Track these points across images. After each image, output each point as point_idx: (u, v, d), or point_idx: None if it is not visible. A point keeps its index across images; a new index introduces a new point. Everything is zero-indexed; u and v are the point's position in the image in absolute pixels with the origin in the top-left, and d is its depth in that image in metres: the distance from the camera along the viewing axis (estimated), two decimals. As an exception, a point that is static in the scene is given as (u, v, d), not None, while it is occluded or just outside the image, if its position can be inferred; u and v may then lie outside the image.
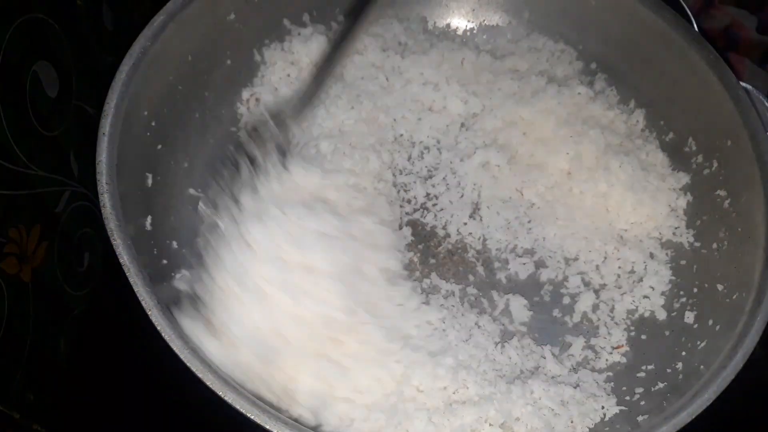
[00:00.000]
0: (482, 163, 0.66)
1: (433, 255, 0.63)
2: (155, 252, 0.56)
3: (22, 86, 0.57)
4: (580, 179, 0.65)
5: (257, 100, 0.70)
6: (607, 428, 0.55)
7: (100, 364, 0.70)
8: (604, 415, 0.54)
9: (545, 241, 0.65)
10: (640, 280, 0.64)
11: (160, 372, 0.58)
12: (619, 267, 0.64)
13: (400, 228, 0.64)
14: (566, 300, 0.63)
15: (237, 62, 0.70)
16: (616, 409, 0.54)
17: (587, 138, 0.66)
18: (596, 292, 0.64)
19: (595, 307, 0.63)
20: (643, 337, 0.62)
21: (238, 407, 0.46)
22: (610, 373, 0.60)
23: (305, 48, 0.71)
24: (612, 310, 0.63)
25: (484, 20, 0.79)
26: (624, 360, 0.61)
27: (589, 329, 0.62)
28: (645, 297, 0.63)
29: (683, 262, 0.65)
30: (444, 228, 0.65)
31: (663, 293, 0.64)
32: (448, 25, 0.78)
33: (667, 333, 0.61)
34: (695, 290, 0.62)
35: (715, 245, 0.63)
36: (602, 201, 0.66)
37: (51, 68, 0.62)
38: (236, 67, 0.70)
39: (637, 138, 0.69)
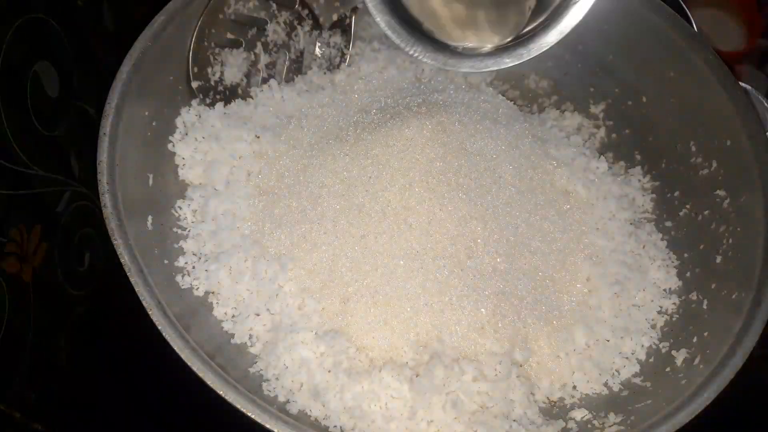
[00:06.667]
0: None
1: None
2: (156, 252, 0.56)
3: (22, 86, 0.58)
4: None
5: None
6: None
7: (101, 363, 0.70)
8: (603, 424, 0.54)
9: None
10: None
11: (161, 371, 0.58)
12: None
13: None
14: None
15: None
16: (617, 419, 0.54)
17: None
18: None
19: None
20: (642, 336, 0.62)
21: (238, 406, 0.46)
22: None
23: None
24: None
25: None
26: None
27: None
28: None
29: (682, 263, 0.65)
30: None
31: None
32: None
33: (665, 331, 0.62)
34: (694, 292, 0.62)
35: (714, 246, 0.63)
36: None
37: (51, 68, 0.62)
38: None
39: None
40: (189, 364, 0.47)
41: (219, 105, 0.65)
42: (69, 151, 0.67)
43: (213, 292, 0.57)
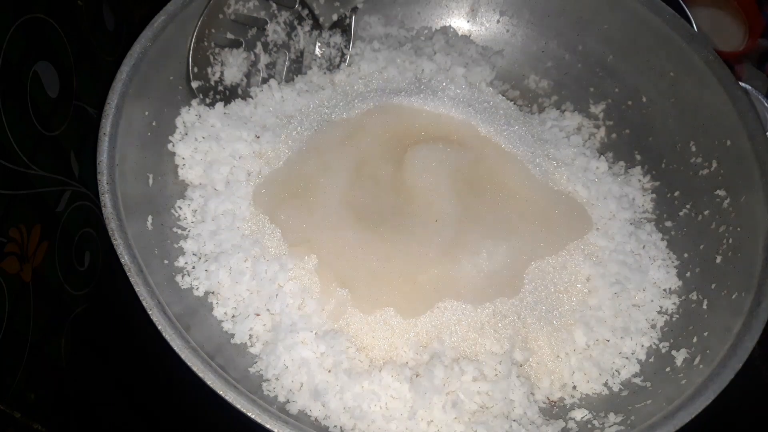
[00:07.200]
0: None
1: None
2: (156, 252, 0.56)
3: (22, 86, 0.58)
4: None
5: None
6: None
7: (101, 363, 0.70)
8: (603, 424, 0.54)
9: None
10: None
11: (161, 371, 0.58)
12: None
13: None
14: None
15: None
16: (617, 419, 0.54)
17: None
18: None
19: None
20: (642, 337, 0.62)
21: (238, 406, 0.46)
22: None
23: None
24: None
25: (483, 21, 0.79)
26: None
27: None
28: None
29: (683, 263, 0.65)
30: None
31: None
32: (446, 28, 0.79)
33: (665, 331, 0.62)
34: (694, 292, 0.62)
35: (714, 246, 0.63)
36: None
37: (52, 68, 0.62)
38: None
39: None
40: (189, 364, 0.47)
41: (219, 105, 0.66)
42: (69, 151, 0.67)
43: (213, 292, 0.57)
